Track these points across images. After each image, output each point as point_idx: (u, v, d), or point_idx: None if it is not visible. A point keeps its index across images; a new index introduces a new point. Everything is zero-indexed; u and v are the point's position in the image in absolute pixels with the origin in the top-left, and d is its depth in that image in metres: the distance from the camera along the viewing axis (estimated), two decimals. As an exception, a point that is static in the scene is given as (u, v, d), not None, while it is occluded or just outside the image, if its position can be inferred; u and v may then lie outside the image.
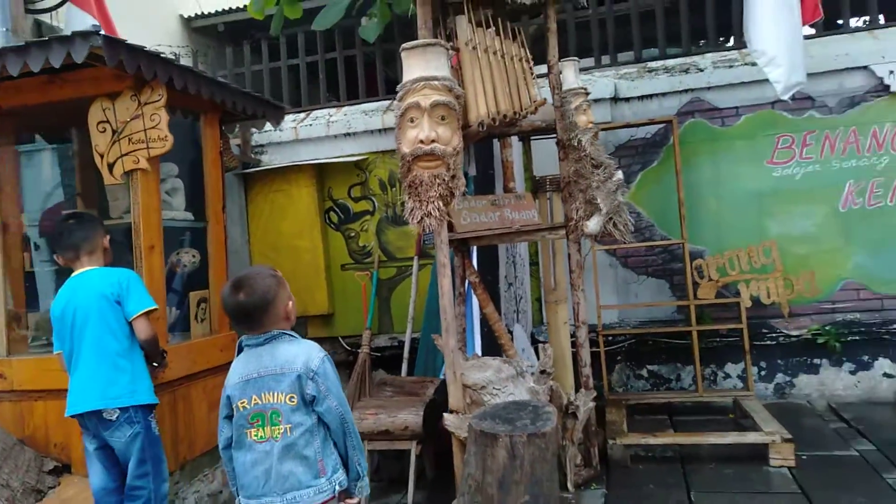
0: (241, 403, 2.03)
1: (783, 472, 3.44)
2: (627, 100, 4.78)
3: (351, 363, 5.15)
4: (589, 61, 5.62)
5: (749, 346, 4.33)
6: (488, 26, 3.09)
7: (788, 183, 4.55)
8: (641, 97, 4.75)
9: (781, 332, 4.59)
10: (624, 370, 4.93)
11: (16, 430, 3.14)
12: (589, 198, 3.24)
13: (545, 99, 3.31)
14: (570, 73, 3.34)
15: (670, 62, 4.82)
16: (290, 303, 2.13)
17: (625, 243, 4.67)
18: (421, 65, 2.75)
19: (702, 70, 4.66)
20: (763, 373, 4.71)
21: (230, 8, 7.19)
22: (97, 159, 3.11)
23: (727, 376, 4.76)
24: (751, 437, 3.63)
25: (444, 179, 2.73)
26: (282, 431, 2.00)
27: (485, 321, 3.64)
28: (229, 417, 2.08)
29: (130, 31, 5.67)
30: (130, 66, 2.89)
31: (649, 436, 3.80)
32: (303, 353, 2.06)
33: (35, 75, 3.00)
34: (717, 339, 4.68)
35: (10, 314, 3.35)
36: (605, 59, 5.21)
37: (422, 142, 2.69)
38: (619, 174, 3.26)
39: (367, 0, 4.86)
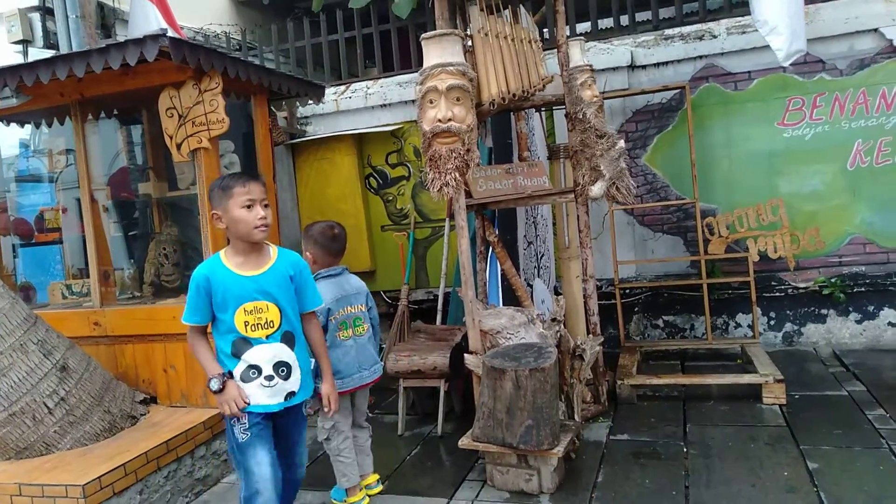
0: (336, 315, 2.96)
1: (774, 408, 3.81)
2: (644, 67, 5.03)
3: (392, 315, 5.70)
4: (608, 21, 5.85)
5: (756, 298, 4.65)
6: (499, 11, 3.44)
7: (798, 143, 4.77)
8: (657, 64, 4.99)
9: (790, 285, 4.88)
10: (641, 320, 5.32)
11: (110, 368, 3.78)
12: (594, 165, 3.61)
13: (552, 76, 3.66)
14: (577, 52, 3.65)
15: (686, 29, 5.03)
16: None
17: (640, 203, 5.04)
18: (438, 52, 3.14)
19: (716, 36, 4.86)
20: (772, 322, 5.02)
21: (274, -18, 7.65)
22: (167, 140, 3.64)
23: (738, 325, 5.09)
24: (746, 378, 4.00)
25: (459, 153, 3.14)
26: (365, 329, 3.06)
27: (504, 277, 4.07)
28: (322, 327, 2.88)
29: (183, 9, 6.23)
30: (192, 61, 3.38)
31: (654, 377, 4.22)
32: (360, 281, 3.16)
33: (112, 69, 3.53)
34: (730, 291, 5.01)
35: (101, 272, 3.98)
36: (624, 20, 5.44)
37: (439, 121, 3.11)
38: (621, 143, 3.60)
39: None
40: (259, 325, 2.37)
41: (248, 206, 2.32)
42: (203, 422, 3.45)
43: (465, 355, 3.44)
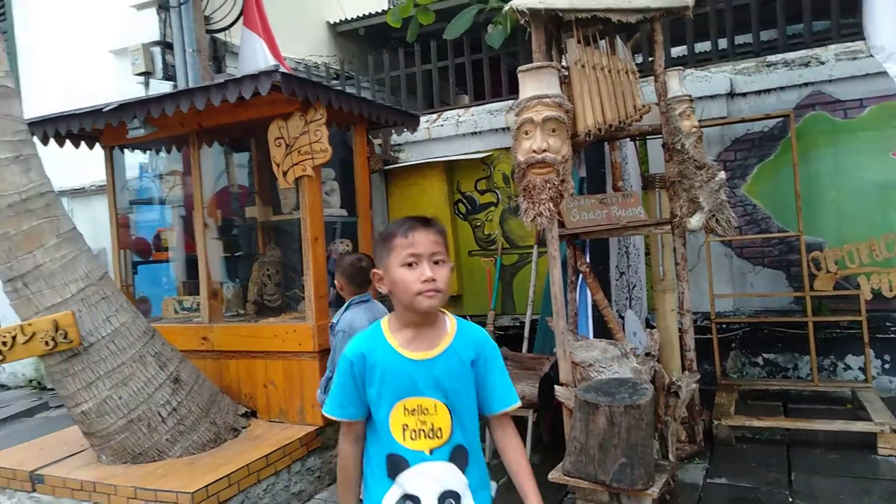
0: None
1: (891, 460, 3.54)
2: (744, 94, 4.87)
3: (477, 340, 5.73)
4: (705, 45, 5.70)
5: (869, 339, 4.34)
6: (596, 42, 3.45)
7: (917, 174, 4.46)
8: (759, 91, 4.82)
9: (908, 326, 4.53)
10: (739, 357, 5.08)
11: (215, 381, 3.99)
12: (692, 196, 3.52)
13: (649, 107, 3.61)
14: (675, 82, 3.59)
15: (790, 55, 4.84)
16: None
17: (739, 234, 4.85)
18: (534, 84, 3.19)
19: (823, 63, 4.65)
20: (887, 366, 4.67)
21: (369, 13, 8.05)
22: (274, 168, 3.86)
23: (847, 367, 4.77)
24: (858, 426, 3.73)
25: (554, 184, 3.16)
26: None
27: (595, 307, 4.02)
28: None
29: (285, 41, 6.60)
30: (300, 94, 3.59)
31: (755, 418, 4.01)
32: (384, 308, 3.28)
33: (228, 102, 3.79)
34: (838, 331, 4.71)
35: (210, 290, 4.23)
36: (722, 43, 5.31)
37: (534, 151, 3.14)
38: (722, 174, 3.50)
39: (493, 8, 5.30)
40: (422, 433, 1.66)
41: (411, 264, 1.64)
42: (299, 438, 3.59)
43: (556, 387, 3.41)
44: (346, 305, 3.29)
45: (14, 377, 7.08)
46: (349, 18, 8.21)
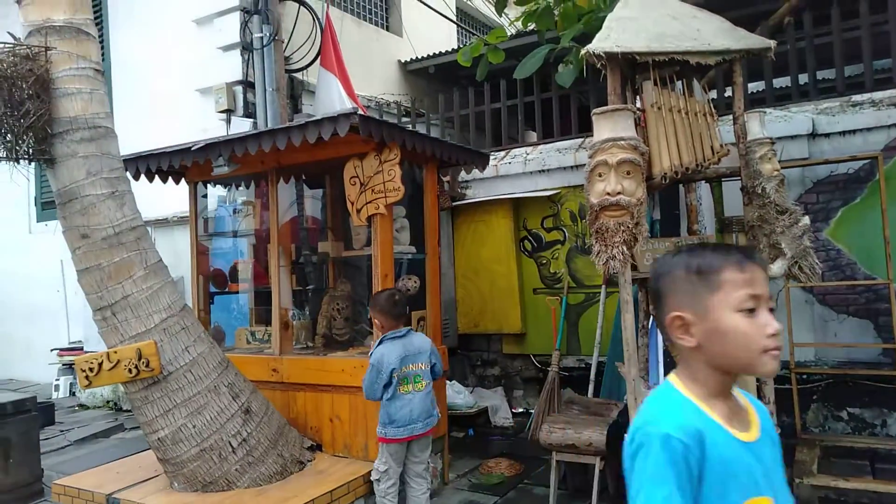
0: (400, 372, 3.32)
1: None
2: (827, 135, 4.68)
3: (541, 380, 5.64)
4: (785, 80, 5.53)
5: (969, 397, 4.03)
6: (672, 83, 3.41)
7: None
8: (843, 132, 4.63)
9: None
10: (820, 410, 4.80)
11: (284, 413, 4.07)
12: (773, 242, 3.38)
13: (728, 149, 3.52)
14: (755, 124, 3.49)
15: (877, 95, 4.63)
16: None
17: (822, 281, 4.62)
18: (609, 126, 3.17)
19: (915, 103, 4.44)
20: None
21: (440, 52, 8.23)
22: (349, 205, 3.96)
23: (944, 427, 4.43)
24: (959, 494, 3.45)
25: (628, 227, 3.11)
26: (424, 385, 3.40)
27: (667, 352, 3.89)
28: (387, 383, 3.29)
29: (359, 79, 6.81)
30: (376, 135, 3.69)
31: (841, 479, 3.76)
32: (426, 340, 3.52)
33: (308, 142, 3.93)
34: (934, 387, 4.39)
35: (282, 322, 4.34)
36: (802, 78, 5.14)
37: (608, 194, 3.10)
38: (806, 219, 3.35)
39: (565, 48, 5.32)
40: None
41: (751, 310, 1.22)
42: (363, 475, 3.59)
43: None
44: (379, 340, 3.41)
45: (93, 397, 7.42)
46: (420, 57, 8.43)
